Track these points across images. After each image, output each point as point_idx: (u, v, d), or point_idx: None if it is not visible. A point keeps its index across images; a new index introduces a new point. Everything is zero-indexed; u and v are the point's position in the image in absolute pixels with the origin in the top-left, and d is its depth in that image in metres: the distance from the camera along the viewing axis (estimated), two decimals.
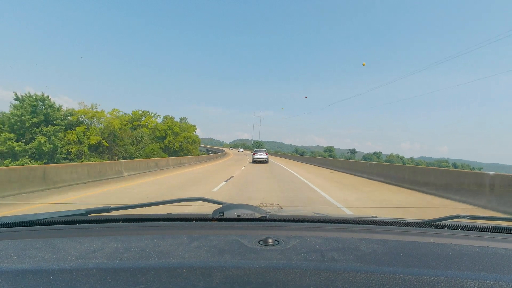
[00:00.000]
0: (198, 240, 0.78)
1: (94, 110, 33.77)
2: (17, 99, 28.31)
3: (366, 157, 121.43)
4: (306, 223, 1.06)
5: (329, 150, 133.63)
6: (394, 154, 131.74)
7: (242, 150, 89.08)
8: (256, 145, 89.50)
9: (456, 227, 1.02)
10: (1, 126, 26.91)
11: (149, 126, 47.76)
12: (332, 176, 13.92)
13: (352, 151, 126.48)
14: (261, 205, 1.34)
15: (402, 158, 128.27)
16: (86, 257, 0.66)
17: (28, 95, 28.59)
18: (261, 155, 25.23)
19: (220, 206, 1.10)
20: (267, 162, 25.15)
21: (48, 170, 8.11)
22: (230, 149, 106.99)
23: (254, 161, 25.22)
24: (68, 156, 29.88)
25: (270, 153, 45.11)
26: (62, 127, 29.74)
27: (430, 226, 1.02)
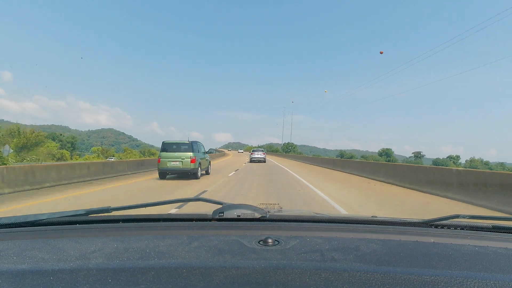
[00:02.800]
0: (198, 240, 0.78)
1: None
2: None
3: (436, 163, 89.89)
4: (306, 223, 1.06)
5: (386, 153, 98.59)
6: (477, 158, 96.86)
7: (242, 151, 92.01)
8: (287, 148, 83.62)
9: (456, 227, 1.02)
10: None
11: None
12: None
13: (418, 155, 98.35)
14: (261, 205, 1.34)
15: (487, 163, 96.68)
16: (86, 257, 0.66)
17: None
18: (259, 154, 27.28)
19: (220, 206, 1.10)
20: (264, 161, 26.85)
21: None
22: (229, 150, 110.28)
23: (252, 160, 27.04)
24: None
25: (303, 158, 30.62)
26: None
27: (430, 226, 1.02)
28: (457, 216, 1.03)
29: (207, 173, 13.27)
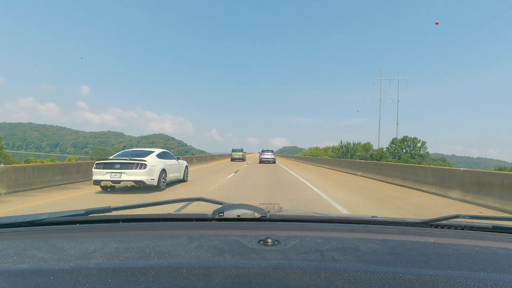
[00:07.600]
0: (198, 240, 0.78)
1: None
2: None
3: None
4: (306, 223, 1.06)
5: None
6: None
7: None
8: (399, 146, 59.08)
9: (456, 227, 1.02)
10: None
11: None
12: None
13: None
14: (261, 205, 1.34)
15: None
16: (86, 257, 0.66)
17: None
18: (268, 155, 26.47)
19: (220, 206, 1.10)
20: (274, 162, 26.47)
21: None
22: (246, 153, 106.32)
23: (261, 161, 26.43)
24: None
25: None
26: None
27: (430, 226, 1.02)
28: (457, 216, 1.03)
29: (245, 160, 31.90)
